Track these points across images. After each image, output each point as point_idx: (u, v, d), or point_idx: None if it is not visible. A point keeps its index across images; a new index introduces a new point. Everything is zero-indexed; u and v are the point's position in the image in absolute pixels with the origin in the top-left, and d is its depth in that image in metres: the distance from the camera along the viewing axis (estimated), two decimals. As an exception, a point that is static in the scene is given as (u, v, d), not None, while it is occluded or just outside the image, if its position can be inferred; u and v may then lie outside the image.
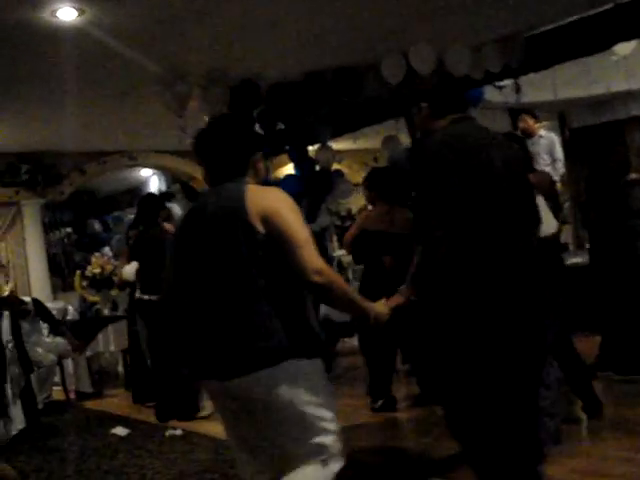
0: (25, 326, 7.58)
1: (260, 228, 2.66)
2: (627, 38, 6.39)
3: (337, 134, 8.17)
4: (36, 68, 6.31)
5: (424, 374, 5.95)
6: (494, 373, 2.99)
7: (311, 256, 2.62)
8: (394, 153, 8.25)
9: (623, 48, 6.78)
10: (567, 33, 6.44)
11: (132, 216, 13.13)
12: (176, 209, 12.15)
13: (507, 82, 7.39)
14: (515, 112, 8.72)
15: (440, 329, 3.06)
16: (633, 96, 9.22)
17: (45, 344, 7.92)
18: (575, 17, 6.37)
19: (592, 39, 6.26)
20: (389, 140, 8.28)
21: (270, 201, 2.72)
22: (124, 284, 7.83)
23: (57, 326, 8.20)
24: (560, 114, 10.09)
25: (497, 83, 7.45)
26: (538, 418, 3.19)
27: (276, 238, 2.64)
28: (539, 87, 7.58)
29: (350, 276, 8.68)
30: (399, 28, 6.19)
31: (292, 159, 8.27)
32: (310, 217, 7.56)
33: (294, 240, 2.62)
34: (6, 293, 7.77)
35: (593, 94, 9.07)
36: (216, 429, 6.08)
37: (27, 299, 8.07)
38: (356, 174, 11.61)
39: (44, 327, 8.04)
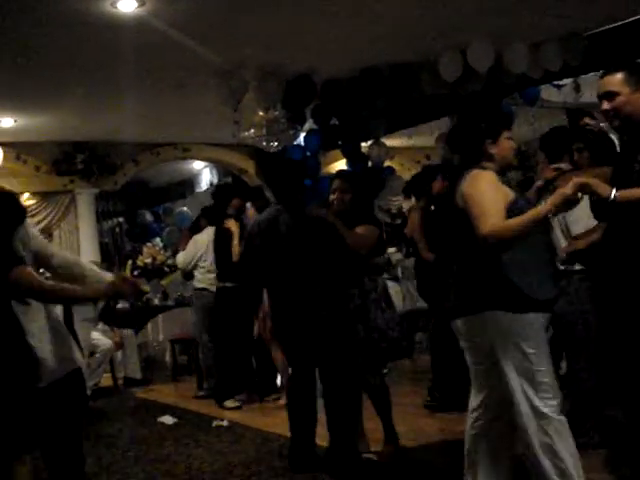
0: (91, 312, 7.72)
1: (461, 204, 3.22)
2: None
3: (391, 130, 8.13)
4: (94, 58, 6.38)
5: None
6: None
7: (479, 226, 3.09)
8: (448, 151, 8.19)
9: (686, 49, 6.61)
10: (629, 32, 6.31)
11: (184, 208, 13.32)
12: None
13: (567, 81, 7.27)
14: (573, 112, 8.57)
15: None
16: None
17: (101, 331, 8.03)
18: (637, 17, 6.24)
19: (656, 39, 6.13)
20: (444, 138, 8.21)
21: (468, 182, 3.24)
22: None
23: (112, 316, 8.29)
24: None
25: (556, 82, 7.33)
26: None
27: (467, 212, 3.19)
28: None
29: (399, 274, 8.61)
30: (457, 25, 6.12)
31: (345, 154, 8.25)
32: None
33: (472, 213, 3.14)
34: None
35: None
36: (262, 421, 6.14)
37: None
38: (408, 172, 11.54)
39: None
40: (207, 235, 7.52)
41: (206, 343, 7.49)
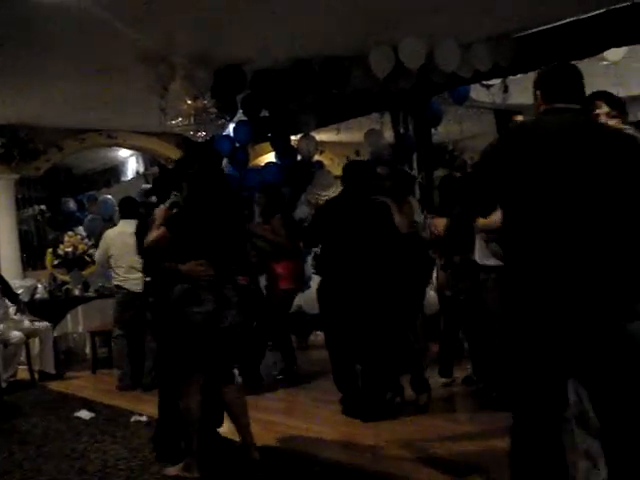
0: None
1: None
2: (618, 44, 6.36)
3: (321, 124, 8.09)
4: (18, 39, 6.14)
5: None
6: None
7: None
8: (376, 147, 8.19)
9: (613, 54, 6.75)
10: (558, 35, 6.41)
11: (108, 196, 13.02)
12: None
13: (495, 81, 7.33)
14: (500, 112, 8.68)
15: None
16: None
17: (13, 322, 7.76)
18: (567, 20, 6.33)
19: (583, 43, 6.23)
20: (372, 134, 8.21)
21: None
22: None
23: (16, 299, 7.98)
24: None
25: (485, 82, 7.39)
26: None
27: None
28: (528, 89, 7.53)
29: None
30: (391, 21, 6.11)
31: (274, 147, 8.17)
32: (290, 207, 7.47)
33: None
34: None
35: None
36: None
37: None
38: (337, 167, 11.50)
39: (12, 305, 7.88)
40: (113, 231, 7.36)
41: (117, 336, 7.40)
